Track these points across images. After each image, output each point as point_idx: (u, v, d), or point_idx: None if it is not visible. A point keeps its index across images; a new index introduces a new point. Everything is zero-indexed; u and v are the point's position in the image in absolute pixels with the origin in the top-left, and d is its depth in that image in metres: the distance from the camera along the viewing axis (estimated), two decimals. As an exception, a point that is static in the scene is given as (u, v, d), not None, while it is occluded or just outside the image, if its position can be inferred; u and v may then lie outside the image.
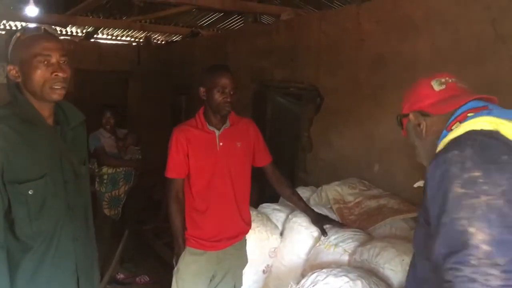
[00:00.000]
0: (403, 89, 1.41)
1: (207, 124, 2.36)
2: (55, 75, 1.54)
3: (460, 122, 1.17)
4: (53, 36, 1.60)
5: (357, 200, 2.86)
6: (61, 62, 1.57)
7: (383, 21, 3.11)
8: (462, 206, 0.96)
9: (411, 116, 1.35)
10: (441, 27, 2.64)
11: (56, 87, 1.55)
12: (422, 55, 2.77)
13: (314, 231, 2.56)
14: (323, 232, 2.48)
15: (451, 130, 1.18)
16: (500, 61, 2.31)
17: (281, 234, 2.74)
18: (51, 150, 1.59)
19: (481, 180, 0.97)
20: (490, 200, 0.95)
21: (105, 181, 4.37)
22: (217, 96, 2.29)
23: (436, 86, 1.31)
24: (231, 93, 2.29)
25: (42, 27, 1.59)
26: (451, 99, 1.27)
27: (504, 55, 2.32)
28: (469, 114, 1.18)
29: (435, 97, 1.30)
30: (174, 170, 2.37)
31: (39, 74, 1.53)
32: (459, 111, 1.21)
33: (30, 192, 1.50)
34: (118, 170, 4.40)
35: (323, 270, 1.95)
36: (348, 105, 3.46)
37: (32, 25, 1.69)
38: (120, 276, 4.26)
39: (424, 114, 1.31)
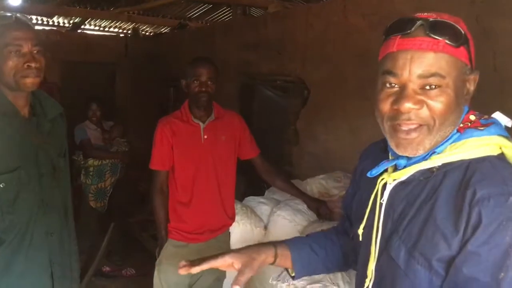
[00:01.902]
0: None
1: (192, 117, 2.36)
2: (27, 65, 1.51)
3: (466, 124, 0.99)
4: (25, 25, 1.55)
5: (341, 194, 2.87)
6: (33, 51, 1.53)
7: (369, 15, 3.11)
8: None
9: (476, 76, 1.01)
10: (426, 21, 2.65)
11: (29, 77, 1.52)
12: (408, 49, 2.78)
13: (298, 225, 2.57)
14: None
15: (467, 128, 0.98)
16: (483, 57, 2.32)
17: (266, 227, 2.75)
18: (25, 143, 1.56)
19: None
20: None
21: (91, 173, 4.35)
22: (193, 86, 2.30)
23: None
24: (208, 83, 2.28)
25: (13, 16, 1.55)
26: None
27: (487, 51, 2.33)
28: (471, 117, 1.01)
29: None
30: (158, 162, 2.38)
31: (11, 64, 1.49)
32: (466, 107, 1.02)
33: (1, 186, 1.47)
34: (104, 162, 4.38)
35: (304, 263, 1.95)
36: (334, 99, 3.47)
37: (3, 14, 1.64)
38: (106, 269, 4.25)
39: None
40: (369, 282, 1.07)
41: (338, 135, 3.45)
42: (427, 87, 0.92)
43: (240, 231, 2.60)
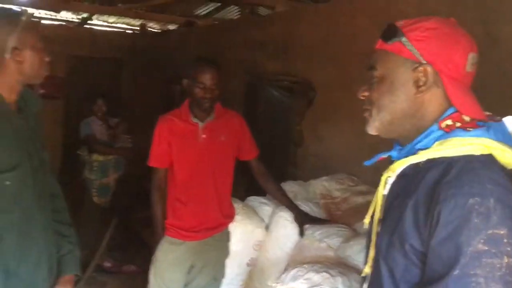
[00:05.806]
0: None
1: (191, 116, 2.35)
2: (47, 60, 1.61)
3: (455, 123, 1.00)
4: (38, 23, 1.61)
5: (344, 196, 2.86)
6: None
7: (376, 16, 3.09)
8: (482, 263, 0.86)
9: (429, 69, 1.01)
10: (433, 25, 2.63)
11: (46, 70, 1.62)
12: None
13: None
14: (301, 232, 2.45)
15: (442, 129, 1.01)
16: (489, 63, 2.29)
17: (267, 227, 2.73)
18: (19, 138, 1.55)
19: (505, 240, 0.87)
20: None
21: (95, 168, 4.37)
22: (197, 91, 2.26)
23: (469, 64, 1.02)
24: (212, 88, 2.25)
25: (25, 13, 1.58)
26: (471, 94, 1.03)
27: (493, 57, 2.30)
28: (465, 117, 1.01)
29: (460, 75, 1.02)
30: (155, 159, 2.39)
31: (41, 57, 1.57)
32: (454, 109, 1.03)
33: (7, 183, 1.46)
34: (108, 158, 4.40)
35: (304, 265, 1.94)
36: (340, 100, 3.44)
37: (19, 9, 1.68)
38: (107, 264, 4.25)
39: (435, 78, 1.02)
40: (368, 269, 1.15)
41: (343, 137, 3.42)
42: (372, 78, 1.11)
43: (241, 231, 2.58)
